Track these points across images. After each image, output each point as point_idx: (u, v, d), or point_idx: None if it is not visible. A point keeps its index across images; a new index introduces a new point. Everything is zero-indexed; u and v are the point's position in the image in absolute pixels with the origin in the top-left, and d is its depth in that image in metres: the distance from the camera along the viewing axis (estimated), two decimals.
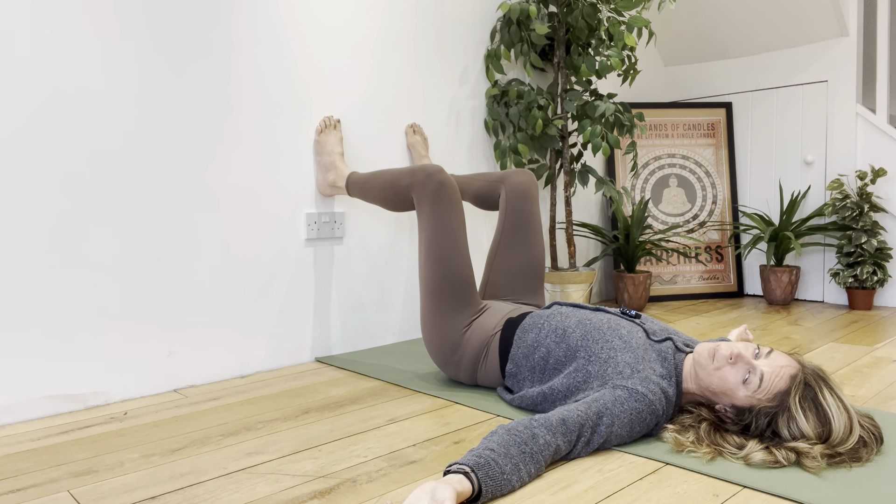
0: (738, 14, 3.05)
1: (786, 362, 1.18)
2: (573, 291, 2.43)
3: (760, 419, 1.14)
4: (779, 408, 1.13)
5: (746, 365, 1.17)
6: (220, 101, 1.74)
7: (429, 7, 2.25)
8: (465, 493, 0.96)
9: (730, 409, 1.20)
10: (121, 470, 1.16)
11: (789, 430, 1.11)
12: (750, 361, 1.17)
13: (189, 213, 1.70)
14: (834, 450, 1.10)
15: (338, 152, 1.93)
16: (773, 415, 1.13)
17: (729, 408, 1.20)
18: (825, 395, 1.12)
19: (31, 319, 1.45)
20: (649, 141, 3.15)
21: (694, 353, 1.26)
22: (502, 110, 2.47)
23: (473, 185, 1.88)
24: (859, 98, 2.86)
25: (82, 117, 1.51)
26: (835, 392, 1.13)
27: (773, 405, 1.14)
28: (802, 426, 1.10)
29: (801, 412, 1.11)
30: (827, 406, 1.11)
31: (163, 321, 1.65)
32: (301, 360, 1.95)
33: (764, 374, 1.15)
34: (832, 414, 1.10)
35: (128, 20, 1.57)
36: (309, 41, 1.93)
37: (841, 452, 1.10)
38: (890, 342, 2.10)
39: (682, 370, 1.29)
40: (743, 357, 1.18)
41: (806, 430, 1.10)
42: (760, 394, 1.15)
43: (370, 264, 2.12)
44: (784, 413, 1.12)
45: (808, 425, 1.10)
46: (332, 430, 1.36)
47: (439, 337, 1.59)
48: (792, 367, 1.17)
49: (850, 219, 2.70)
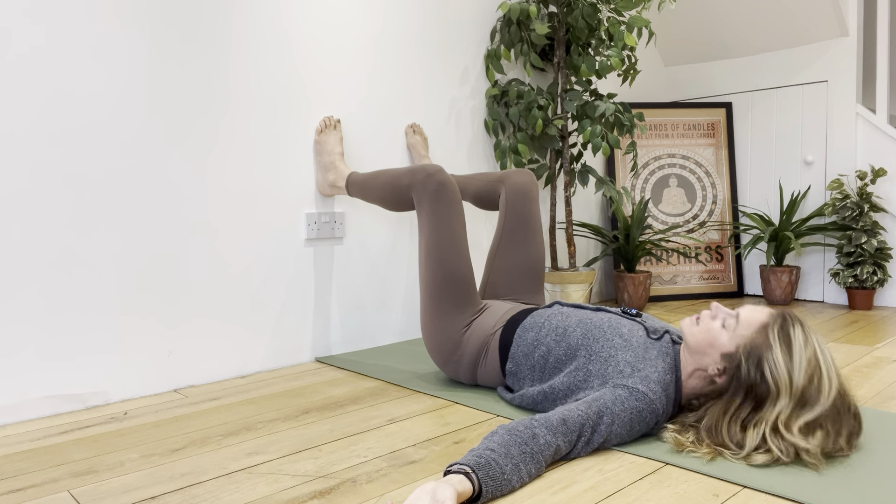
0: (738, 14, 3.05)
1: (762, 308, 1.25)
2: (573, 291, 2.43)
3: (749, 360, 1.16)
4: (762, 343, 1.17)
5: (725, 313, 1.26)
6: (220, 100, 1.74)
7: (429, 7, 2.25)
8: (466, 493, 0.96)
9: (720, 363, 1.22)
10: (121, 470, 1.16)
11: (772, 366, 1.14)
12: (728, 311, 1.26)
13: (189, 213, 1.69)
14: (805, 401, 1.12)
15: (338, 152, 1.93)
16: (758, 350, 1.16)
17: (720, 362, 1.22)
18: (796, 331, 1.17)
19: (32, 319, 1.45)
20: (649, 141, 3.15)
21: (680, 327, 1.31)
22: (502, 110, 2.47)
23: (473, 185, 1.88)
24: (859, 98, 2.86)
25: (83, 117, 1.51)
26: (808, 333, 1.17)
27: (757, 341, 1.17)
28: (777, 357, 1.14)
29: (777, 342, 1.15)
30: (794, 339, 1.16)
31: (163, 321, 1.65)
32: (301, 360, 1.95)
33: (741, 314, 1.23)
34: (797, 346, 1.15)
35: (129, 20, 1.57)
36: (309, 40, 1.93)
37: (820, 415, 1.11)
38: (890, 342, 2.10)
39: (679, 361, 1.31)
40: (721, 308, 1.28)
41: (782, 361, 1.14)
42: (741, 329, 1.21)
43: (370, 264, 2.12)
44: (766, 347, 1.16)
45: (781, 356, 1.14)
46: (332, 430, 1.36)
47: (439, 337, 1.59)
48: (768, 309, 1.23)
49: (850, 219, 2.70)
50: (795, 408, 1.12)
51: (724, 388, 1.20)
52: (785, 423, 1.12)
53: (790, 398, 1.12)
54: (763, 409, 1.14)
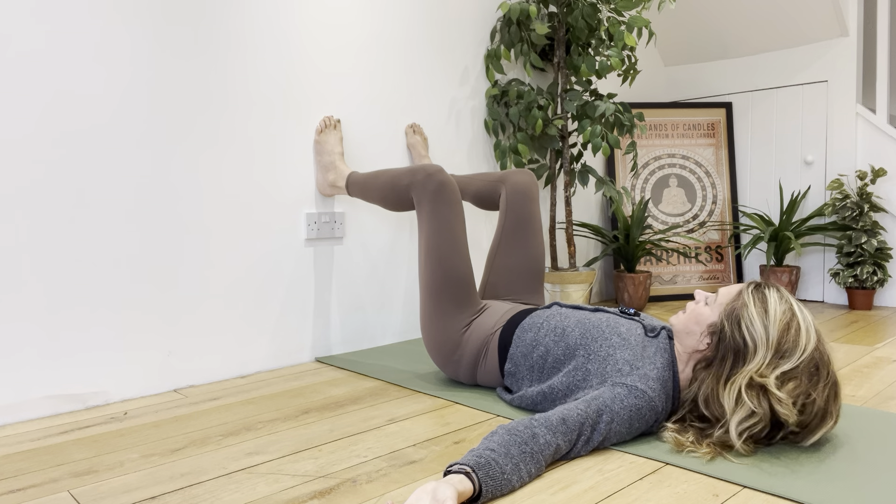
0: (738, 14, 3.05)
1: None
2: (573, 291, 2.43)
3: (731, 322, 1.20)
4: (739, 305, 1.21)
5: (705, 295, 1.32)
6: (220, 100, 1.74)
7: (429, 7, 2.25)
8: (466, 493, 0.96)
9: (706, 334, 1.25)
10: (121, 470, 1.16)
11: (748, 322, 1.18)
12: (708, 294, 1.34)
13: (188, 214, 1.69)
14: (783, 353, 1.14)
15: (338, 152, 1.93)
16: (736, 312, 1.20)
17: (707, 335, 1.25)
18: (771, 291, 1.22)
19: (32, 319, 1.45)
20: (649, 141, 3.15)
21: (670, 324, 1.34)
22: (502, 110, 2.47)
23: (473, 185, 1.88)
24: (859, 98, 2.86)
25: (83, 117, 1.51)
26: (783, 293, 1.22)
27: (735, 303, 1.22)
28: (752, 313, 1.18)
29: (751, 300, 1.21)
30: (768, 296, 1.21)
31: (163, 321, 1.65)
32: (301, 360, 1.95)
33: (720, 290, 1.30)
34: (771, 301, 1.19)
35: (131, 20, 1.57)
36: (308, 40, 1.93)
37: (797, 366, 1.13)
38: (890, 342, 2.10)
39: (676, 356, 1.32)
40: (701, 293, 1.33)
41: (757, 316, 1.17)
42: (721, 298, 1.27)
43: (370, 264, 2.12)
44: (742, 306, 1.20)
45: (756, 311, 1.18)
46: (332, 430, 1.36)
47: (439, 337, 1.59)
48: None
49: (850, 219, 2.70)
50: (773, 359, 1.15)
51: (713, 356, 1.22)
52: (760, 373, 1.14)
53: (767, 349, 1.15)
54: (745, 363, 1.17)
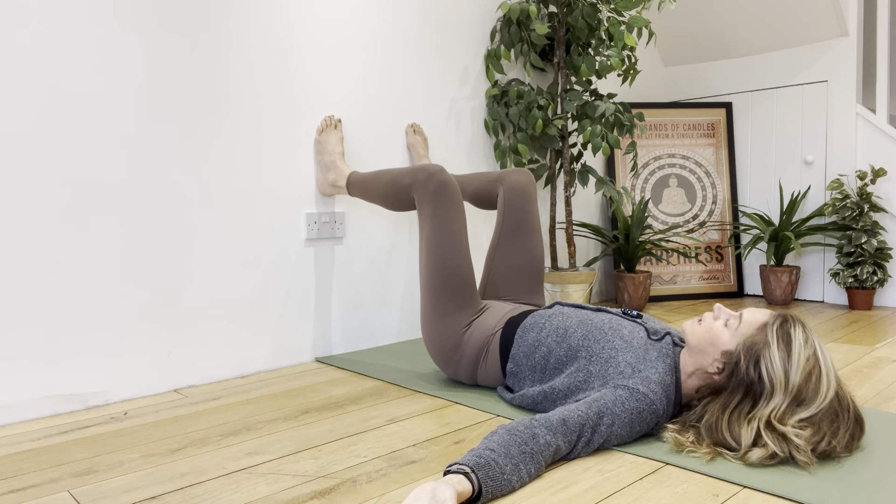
0: (738, 14, 3.05)
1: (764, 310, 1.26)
2: (573, 291, 2.43)
3: (748, 358, 1.17)
4: (760, 340, 1.17)
5: (728, 313, 1.27)
6: (221, 100, 1.74)
7: (429, 7, 2.25)
8: (466, 493, 0.96)
9: (720, 360, 1.22)
10: (121, 470, 1.16)
11: (769, 363, 1.14)
12: (730, 312, 1.28)
13: (189, 213, 1.69)
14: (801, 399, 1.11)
15: (338, 152, 1.93)
16: (756, 348, 1.17)
17: (719, 360, 1.22)
18: (797, 331, 1.17)
19: (32, 319, 1.45)
20: (649, 141, 3.15)
21: (683, 328, 1.32)
22: (502, 110, 2.47)
23: (471, 184, 1.88)
24: (859, 98, 2.86)
25: (83, 117, 1.51)
26: (808, 334, 1.18)
27: (756, 338, 1.18)
28: (774, 355, 1.14)
29: (775, 340, 1.16)
30: (793, 338, 1.16)
31: (163, 321, 1.65)
32: (301, 359, 1.95)
33: (743, 315, 1.25)
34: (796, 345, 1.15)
35: (127, 19, 1.57)
36: (309, 40, 1.93)
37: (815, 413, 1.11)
38: (890, 342, 2.10)
39: (680, 363, 1.31)
40: (724, 309, 1.29)
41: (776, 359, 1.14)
42: (742, 328, 1.22)
43: (370, 264, 2.12)
44: (764, 345, 1.16)
45: (779, 356, 1.14)
46: (332, 430, 1.36)
47: (439, 337, 1.59)
48: (771, 311, 1.25)
49: (850, 219, 2.70)
50: (791, 404, 1.12)
51: (723, 386, 1.20)
52: (779, 418, 1.12)
53: (785, 395, 1.13)
54: (759, 405, 1.14)
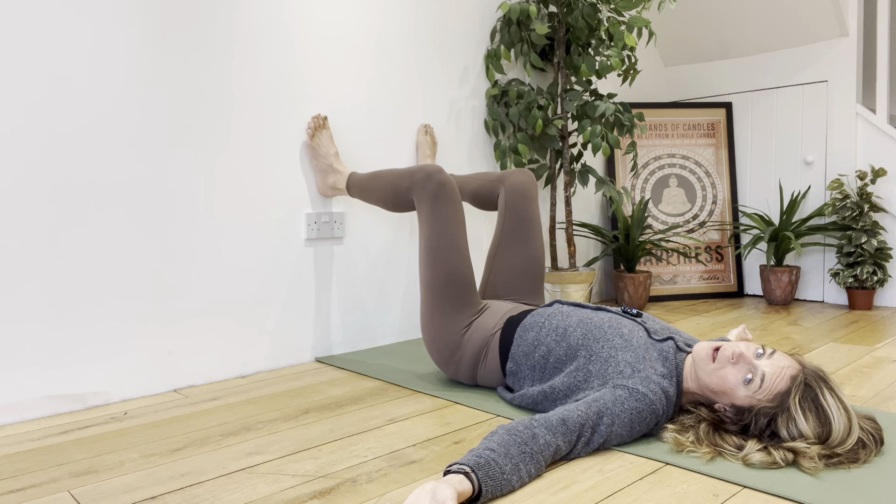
0: (738, 14, 3.05)
1: (787, 363, 1.17)
2: (573, 291, 2.43)
3: (760, 419, 1.14)
4: (778, 408, 1.13)
5: (748, 365, 1.17)
6: (221, 99, 1.74)
7: (429, 7, 2.25)
8: (466, 493, 0.96)
9: (729, 408, 1.20)
10: (121, 470, 1.16)
11: (788, 430, 1.11)
12: (752, 362, 1.17)
13: (189, 213, 1.69)
14: (832, 450, 1.09)
15: (332, 153, 1.92)
16: (773, 415, 1.13)
17: (728, 407, 1.20)
18: (825, 396, 1.12)
19: (32, 319, 1.45)
20: (649, 141, 3.15)
21: (693, 353, 1.26)
22: (502, 110, 2.47)
23: (472, 184, 1.88)
24: (859, 98, 2.86)
25: (82, 116, 1.51)
26: (835, 393, 1.13)
27: (773, 405, 1.13)
28: (802, 427, 1.10)
29: (800, 412, 1.10)
30: (827, 406, 1.11)
31: (163, 321, 1.65)
32: (301, 360, 1.95)
33: (766, 375, 1.15)
34: (832, 414, 1.10)
35: (126, 17, 1.57)
36: (309, 40, 1.93)
37: (839, 453, 1.10)
38: (890, 342, 2.10)
39: (683, 370, 1.29)
40: (745, 357, 1.18)
41: (805, 431, 1.10)
42: (761, 394, 1.15)
43: (370, 264, 2.12)
44: (784, 413, 1.12)
45: (808, 426, 1.10)
46: (332, 430, 1.36)
47: (439, 337, 1.59)
48: (793, 367, 1.17)
49: (850, 219, 2.69)
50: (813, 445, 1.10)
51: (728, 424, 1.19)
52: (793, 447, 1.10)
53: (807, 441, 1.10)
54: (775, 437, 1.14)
